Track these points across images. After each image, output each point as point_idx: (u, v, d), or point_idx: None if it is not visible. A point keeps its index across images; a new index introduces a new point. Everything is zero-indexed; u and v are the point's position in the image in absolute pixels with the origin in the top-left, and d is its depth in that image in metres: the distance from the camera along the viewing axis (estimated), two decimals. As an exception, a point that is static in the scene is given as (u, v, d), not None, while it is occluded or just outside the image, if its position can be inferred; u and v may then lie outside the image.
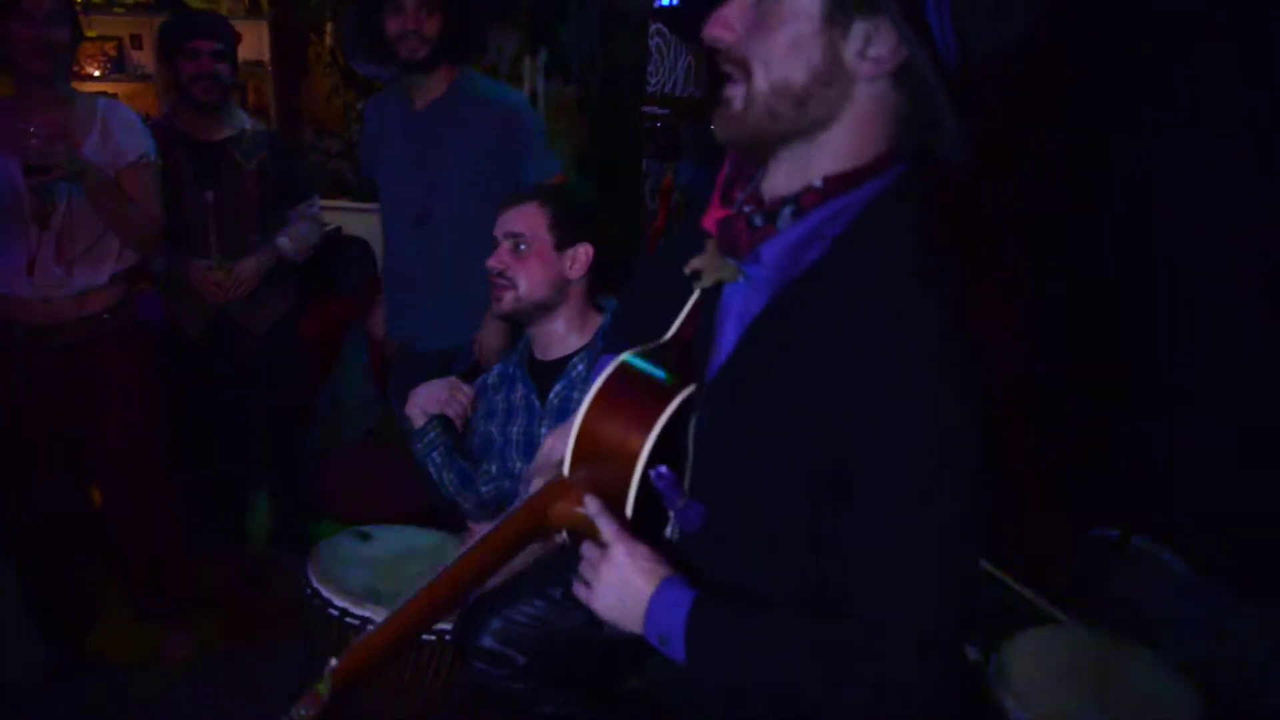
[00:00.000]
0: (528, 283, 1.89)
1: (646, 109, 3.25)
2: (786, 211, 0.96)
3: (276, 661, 2.52)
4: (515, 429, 1.97)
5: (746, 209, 0.99)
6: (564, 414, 1.86)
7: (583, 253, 1.91)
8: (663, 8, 2.80)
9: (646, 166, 3.56)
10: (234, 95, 2.82)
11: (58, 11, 2.26)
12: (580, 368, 1.90)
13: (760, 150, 0.98)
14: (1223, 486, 1.89)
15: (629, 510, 1.10)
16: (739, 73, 0.94)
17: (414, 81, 2.40)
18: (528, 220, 1.91)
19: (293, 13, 4.57)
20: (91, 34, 4.08)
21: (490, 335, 2.42)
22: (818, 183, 0.95)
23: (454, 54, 2.39)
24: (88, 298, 2.40)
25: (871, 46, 0.90)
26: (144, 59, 4.51)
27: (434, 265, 2.44)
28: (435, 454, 1.97)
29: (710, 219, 1.03)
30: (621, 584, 1.05)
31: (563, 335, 1.95)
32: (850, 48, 0.90)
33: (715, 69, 0.99)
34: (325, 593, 1.72)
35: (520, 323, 2.00)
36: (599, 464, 1.11)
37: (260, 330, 2.81)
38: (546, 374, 1.95)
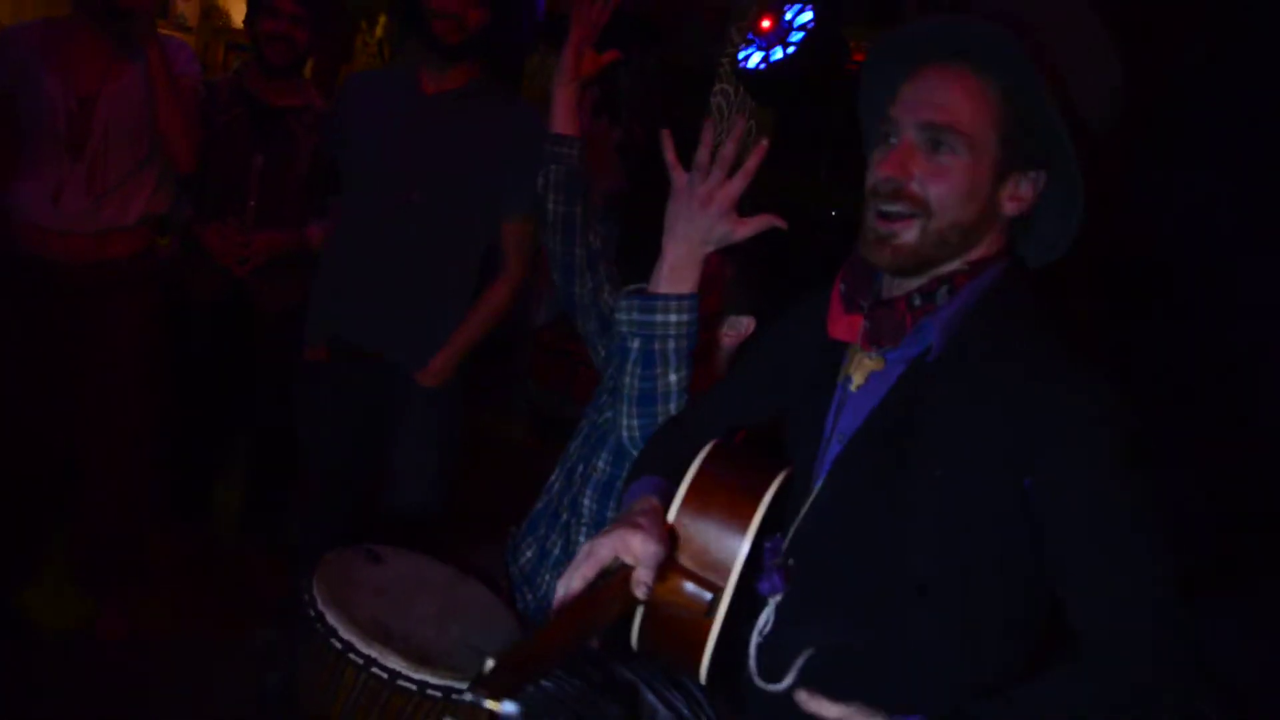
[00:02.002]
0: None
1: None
2: (943, 290, 1.11)
3: (213, 656, 2.44)
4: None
5: (882, 305, 1.14)
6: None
7: (745, 324, 1.77)
8: (743, 70, 2.81)
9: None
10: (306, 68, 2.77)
11: None
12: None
13: (921, 270, 1.13)
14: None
15: (734, 578, 1.09)
16: (915, 209, 1.09)
17: (432, 67, 2.30)
18: (716, 264, 1.76)
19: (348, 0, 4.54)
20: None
21: (448, 362, 2.33)
22: (964, 266, 1.12)
23: (482, 51, 2.31)
24: (110, 238, 2.31)
25: (1020, 190, 1.10)
26: (189, 10, 4.44)
27: (403, 263, 2.31)
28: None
29: (839, 328, 1.18)
30: None
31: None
32: (1006, 192, 1.10)
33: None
34: (331, 620, 1.58)
35: None
36: (704, 520, 1.14)
37: (271, 311, 2.72)
38: None
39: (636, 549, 1.05)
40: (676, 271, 1.48)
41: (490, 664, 0.91)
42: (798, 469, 1.21)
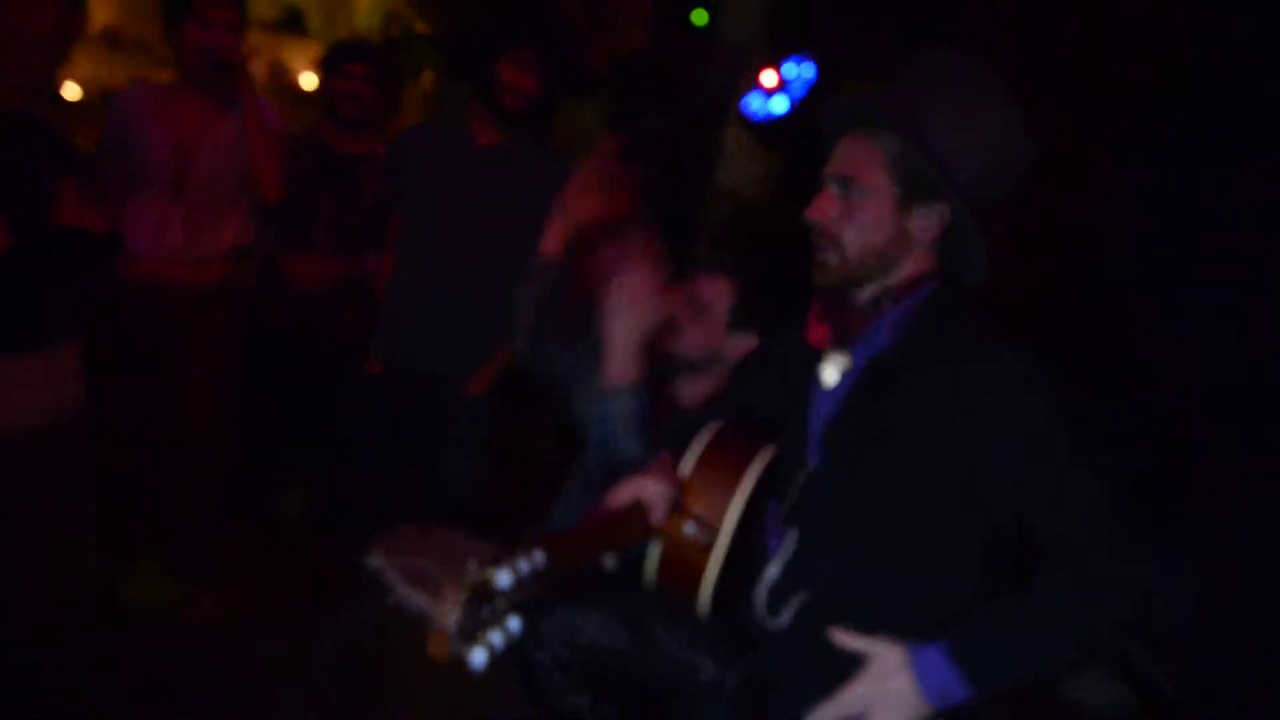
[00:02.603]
0: (688, 346, 1.94)
1: (716, 204, 3.52)
2: (887, 299, 1.41)
3: (287, 636, 2.61)
4: None
5: (843, 311, 1.42)
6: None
7: (746, 342, 1.95)
8: (756, 120, 3.09)
9: (701, 256, 3.82)
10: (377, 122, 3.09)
11: (234, 23, 2.55)
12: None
13: (852, 287, 1.41)
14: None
15: (732, 520, 1.38)
16: (830, 243, 1.38)
17: (485, 122, 2.57)
18: (714, 292, 1.95)
19: (398, 55, 4.91)
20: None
21: (491, 375, 2.62)
22: (901, 280, 1.40)
23: (542, 115, 2.63)
24: (203, 267, 2.64)
25: (927, 221, 1.36)
26: (257, 69, 4.83)
27: (457, 292, 2.56)
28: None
29: (815, 336, 1.47)
30: (892, 702, 1.22)
31: (690, 396, 2.00)
32: (914, 222, 1.36)
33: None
34: (389, 578, 1.78)
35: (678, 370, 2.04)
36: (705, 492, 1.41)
37: (333, 332, 3.02)
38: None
39: (651, 488, 1.35)
40: (620, 363, 1.72)
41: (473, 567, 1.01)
42: (792, 447, 1.47)
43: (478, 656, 0.95)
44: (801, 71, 3.07)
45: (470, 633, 0.96)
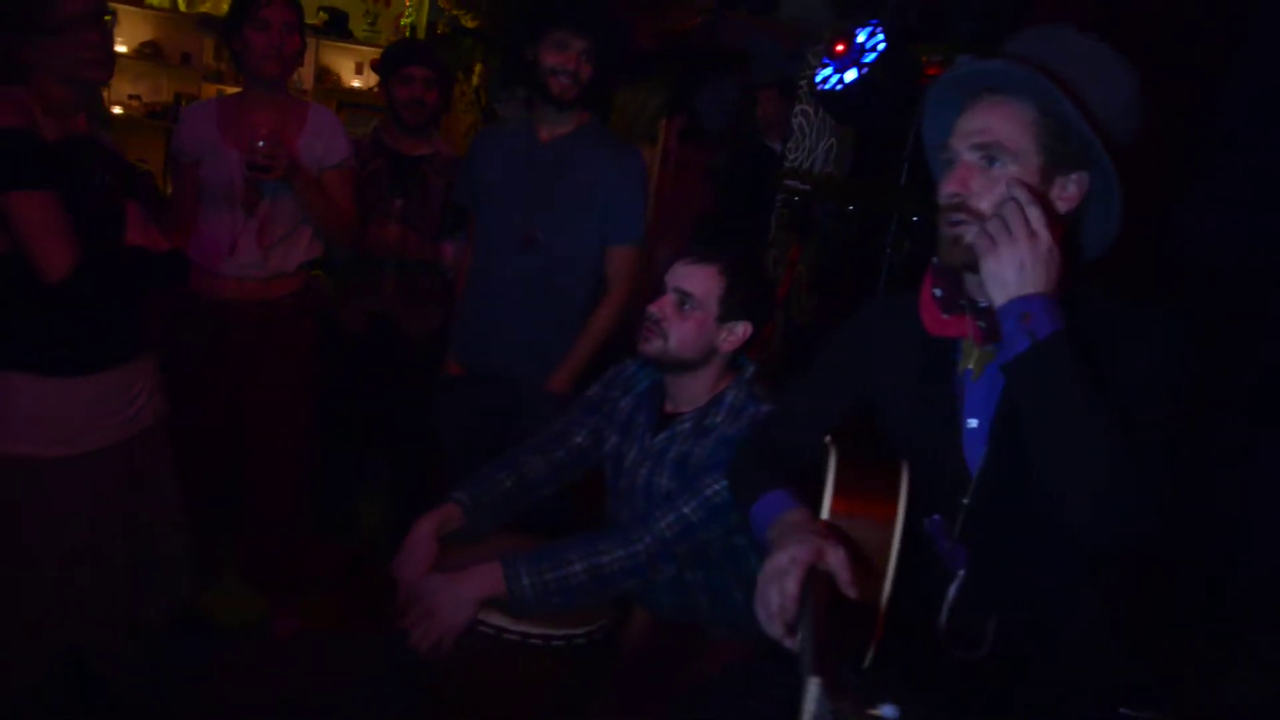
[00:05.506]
0: (679, 341, 1.91)
1: (789, 182, 3.42)
2: None
3: (368, 650, 2.61)
4: (627, 458, 2.05)
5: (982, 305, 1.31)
6: (662, 459, 1.95)
7: (741, 330, 1.94)
8: (821, 91, 2.99)
9: (772, 236, 3.73)
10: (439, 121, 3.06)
11: (290, 23, 2.52)
12: (688, 425, 1.96)
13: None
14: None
15: (892, 564, 1.25)
16: (972, 219, 1.28)
17: (545, 117, 2.55)
18: (703, 283, 1.92)
19: (445, 52, 4.87)
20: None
21: (568, 375, 2.57)
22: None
23: (593, 100, 2.58)
24: (275, 282, 2.61)
25: (1067, 190, 1.28)
26: (304, 75, 4.86)
27: (527, 290, 2.55)
28: None
29: (945, 327, 1.36)
30: (1022, 265, 1.20)
31: (693, 394, 2.00)
32: (1054, 192, 1.28)
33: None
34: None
35: (658, 369, 2.05)
36: (854, 520, 1.29)
37: (414, 336, 3.00)
38: (665, 419, 2.04)
39: (830, 556, 1.20)
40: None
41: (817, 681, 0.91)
42: (931, 451, 1.35)
43: None
44: (872, 40, 2.95)
45: None
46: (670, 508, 1.83)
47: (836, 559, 1.20)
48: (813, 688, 0.88)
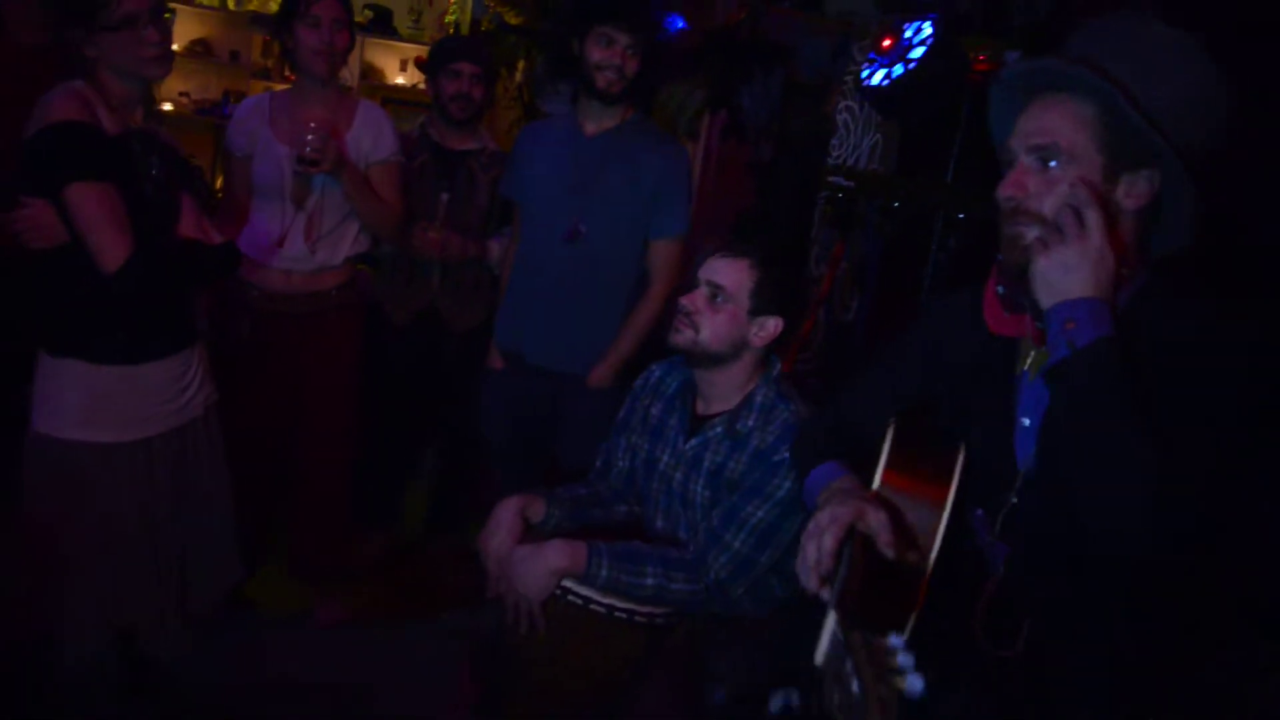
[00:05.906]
0: (710, 333, 1.92)
1: (832, 179, 3.40)
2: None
3: (414, 637, 2.77)
4: (660, 462, 2.06)
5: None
6: (697, 466, 1.95)
7: (772, 325, 1.94)
8: (867, 87, 2.97)
9: (815, 233, 3.70)
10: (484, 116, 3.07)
11: (340, 19, 2.55)
12: (719, 429, 1.95)
13: None
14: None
15: (939, 539, 1.24)
16: (1031, 222, 1.25)
17: (590, 111, 2.57)
18: (735, 277, 1.93)
19: (490, 48, 4.90)
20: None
21: (610, 368, 2.58)
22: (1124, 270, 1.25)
23: (639, 95, 2.60)
24: (322, 275, 2.65)
25: (1135, 188, 1.24)
26: (349, 72, 4.92)
27: (573, 283, 2.56)
28: None
29: (1006, 326, 1.35)
30: (1070, 268, 1.18)
31: (723, 391, 2.00)
32: (1121, 190, 1.24)
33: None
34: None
35: (688, 363, 2.05)
36: (902, 494, 1.29)
37: (460, 330, 3.01)
38: (696, 421, 2.04)
39: (871, 517, 1.20)
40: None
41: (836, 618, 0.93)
42: (984, 447, 1.34)
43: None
44: (919, 35, 2.91)
45: None
46: (721, 547, 1.86)
47: (877, 520, 1.20)
48: (830, 621, 0.91)
